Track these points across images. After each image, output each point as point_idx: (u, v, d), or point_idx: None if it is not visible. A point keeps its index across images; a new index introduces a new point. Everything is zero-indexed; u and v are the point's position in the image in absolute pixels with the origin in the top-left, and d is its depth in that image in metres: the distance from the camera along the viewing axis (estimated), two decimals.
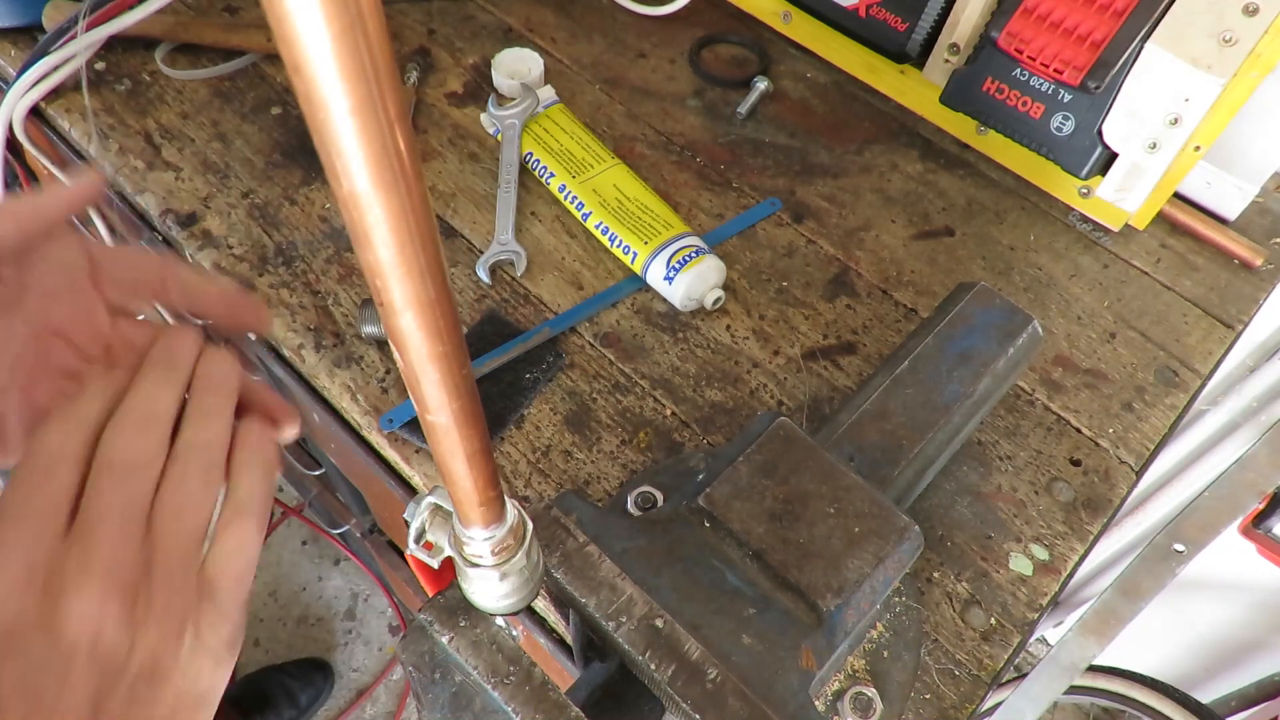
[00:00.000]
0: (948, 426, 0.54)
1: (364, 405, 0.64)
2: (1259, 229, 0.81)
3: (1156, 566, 0.57)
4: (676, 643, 0.42)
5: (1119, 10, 0.67)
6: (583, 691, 0.44)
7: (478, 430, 0.27)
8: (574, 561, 0.44)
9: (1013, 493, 0.63)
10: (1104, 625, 0.60)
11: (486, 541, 0.32)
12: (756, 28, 0.92)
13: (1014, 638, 0.57)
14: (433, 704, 0.39)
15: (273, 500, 0.31)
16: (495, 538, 0.32)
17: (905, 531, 0.47)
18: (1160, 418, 0.68)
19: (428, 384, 0.24)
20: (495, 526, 0.32)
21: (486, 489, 0.30)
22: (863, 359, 0.69)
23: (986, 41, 0.73)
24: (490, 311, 0.69)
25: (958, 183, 0.82)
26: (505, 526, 0.33)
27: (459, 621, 0.40)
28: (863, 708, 0.49)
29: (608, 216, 0.71)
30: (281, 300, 0.68)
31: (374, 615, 1.70)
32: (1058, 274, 0.76)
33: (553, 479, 0.61)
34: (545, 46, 0.89)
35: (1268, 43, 0.64)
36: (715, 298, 0.69)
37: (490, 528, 0.32)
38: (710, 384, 0.67)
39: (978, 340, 0.57)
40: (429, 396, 0.25)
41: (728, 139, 0.83)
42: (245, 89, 0.82)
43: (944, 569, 0.59)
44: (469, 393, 0.26)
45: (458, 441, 0.27)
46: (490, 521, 0.32)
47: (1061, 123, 0.73)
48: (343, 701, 1.61)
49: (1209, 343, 0.73)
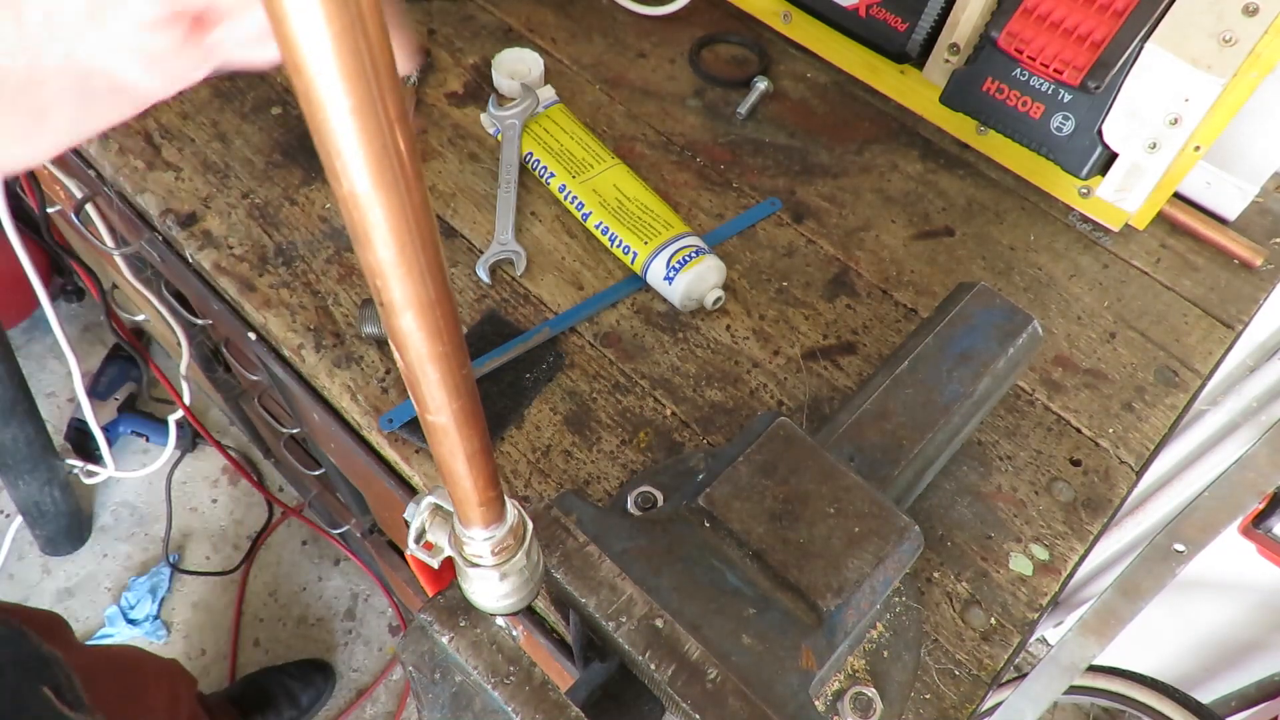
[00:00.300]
0: (948, 427, 0.54)
1: (364, 405, 0.64)
2: (1259, 229, 0.81)
3: (1156, 566, 0.57)
4: (676, 643, 0.42)
5: (1119, 10, 0.67)
6: (582, 692, 0.44)
7: (478, 430, 0.27)
8: (574, 561, 0.44)
9: (1013, 493, 0.63)
10: (1104, 625, 0.60)
11: (486, 542, 0.32)
12: (756, 28, 0.92)
13: (1014, 638, 0.57)
14: (433, 704, 0.39)
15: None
16: (495, 538, 0.32)
17: (905, 531, 0.47)
18: (1160, 418, 0.68)
19: (428, 384, 0.24)
20: (495, 527, 0.32)
21: (487, 489, 0.30)
22: (863, 359, 0.69)
23: (986, 41, 0.73)
24: (490, 311, 0.69)
25: (958, 183, 0.82)
26: (505, 527, 0.32)
27: (459, 622, 0.40)
28: (863, 708, 0.49)
29: (608, 216, 0.71)
30: (281, 300, 0.68)
31: (374, 615, 1.70)
32: (1058, 274, 0.76)
33: (553, 479, 0.61)
34: (545, 46, 0.89)
35: (1268, 43, 0.64)
36: (715, 298, 0.69)
37: (490, 528, 0.32)
38: (710, 384, 0.67)
39: (978, 340, 0.57)
40: (429, 396, 0.25)
41: (728, 139, 0.83)
42: (245, 89, 0.82)
43: (944, 569, 0.59)
44: (469, 393, 0.26)
45: (458, 442, 0.27)
46: (490, 522, 0.32)
47: (1061, 123, 0.73)
48: (343, 701, 1.61)
49: (1209, 343, 0.73)
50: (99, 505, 1.79)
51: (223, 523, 1.78)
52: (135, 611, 1.65)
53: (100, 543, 1.75)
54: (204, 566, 1.72)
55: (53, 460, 1.54)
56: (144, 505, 1.79)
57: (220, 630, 1.66)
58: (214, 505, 1.80)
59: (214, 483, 1.83)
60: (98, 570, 1.72)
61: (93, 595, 1.69)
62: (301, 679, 1.56)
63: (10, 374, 1.35)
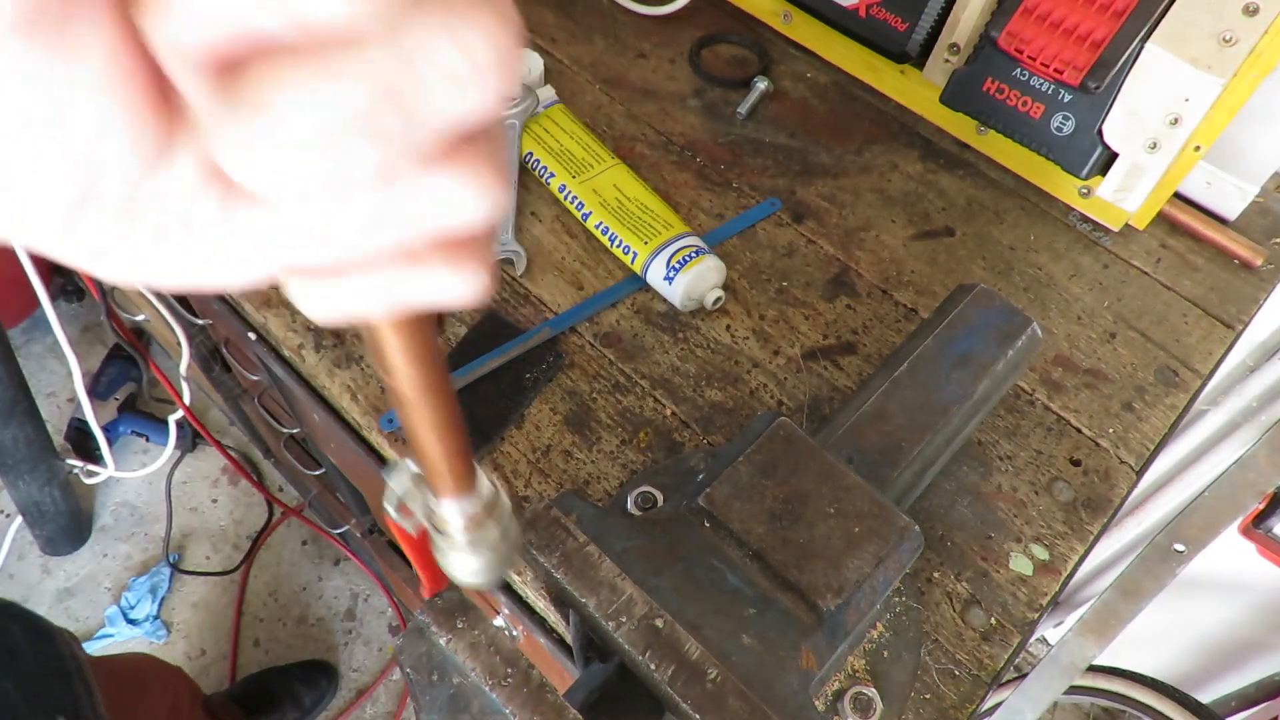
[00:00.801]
0: (947, 429, 0.54)
1: (364, 405, 0.64)
2: (1259, 229, 0.81)
3: (1156, 566, 0.57)
4: (676, 643, 0.42)
5: (1119, 10, 0.67)
6: (581, 693, 0.44)
7: (443, 399, 0.27)
8: (574, 561, 0.44)
9: (1013, 493, 0.63)
10: (1104, 625, 0.60)
11: (458, 514, 0.32)
12: (756, 28, 0.92)
13: (1014, 638, 0.57)
14: (430, 706, 0.39)
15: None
16: (467, 510, 0.32)
17: (905, 531, 0.47)
18: (1160, 418, 0.68)
19: (390, 351, 0.24)
20: (467, 499, 0.32)
21: (455, 460, 0.29)
22: (863, 359, 0.69)
23: (986, 41, 0.73)
24: (490, 311, 0.69)
25: (958, 183, 0.82)
26: (478, 500, 0.32)
27: (457, 623, 0.40)
28: (863, 708, 0.49)
29: (608, 216, 0.71)
30: (281, 300, 0.68)
31: (374, 615, 1.70)
32: (1058, 274, 0.76)
33: (553, 479, 0.61)
34: (545, 46, 0.89)
35: (1268, 43, 0.64)
36: (715, 298, 0.69)
37: (461, 500, 0.32)
38: (710, 384, 0.67)
39: (977, 342, 0.57)
40: (392, 362, 0.25)
41: (728, 139, 0.83)
42: None
43: (944, 569, 0.59)
44: (433, 360, 0.25)
45: (422, 410, 0.27)
46: (461, 494, 0.31)
47: (1061, 123, 0.73)
48: (343, 701, 1.61)
49: (1209, 343, 0.73)
50: (99, 505, 1.79)
51: (223, 523, 1.78)
52: (135, 611, 1.65)
53: (100, 543, 1.75)
54: (204, 566, 1.72)
55: (53, 460, 1.54)
56: (144, 505, 1.79)
57: (220, 630, 1.66)
58: (214, 505, 1.80)
59: (214, 483, 1.83)
60: (98, 570, 1.72)
61: (93, 595, 1.69)
62: (305, 680, 1.56)
63: (10, 374, 1.35)
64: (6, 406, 1.37)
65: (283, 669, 1.58)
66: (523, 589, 0.61)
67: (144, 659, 1.26)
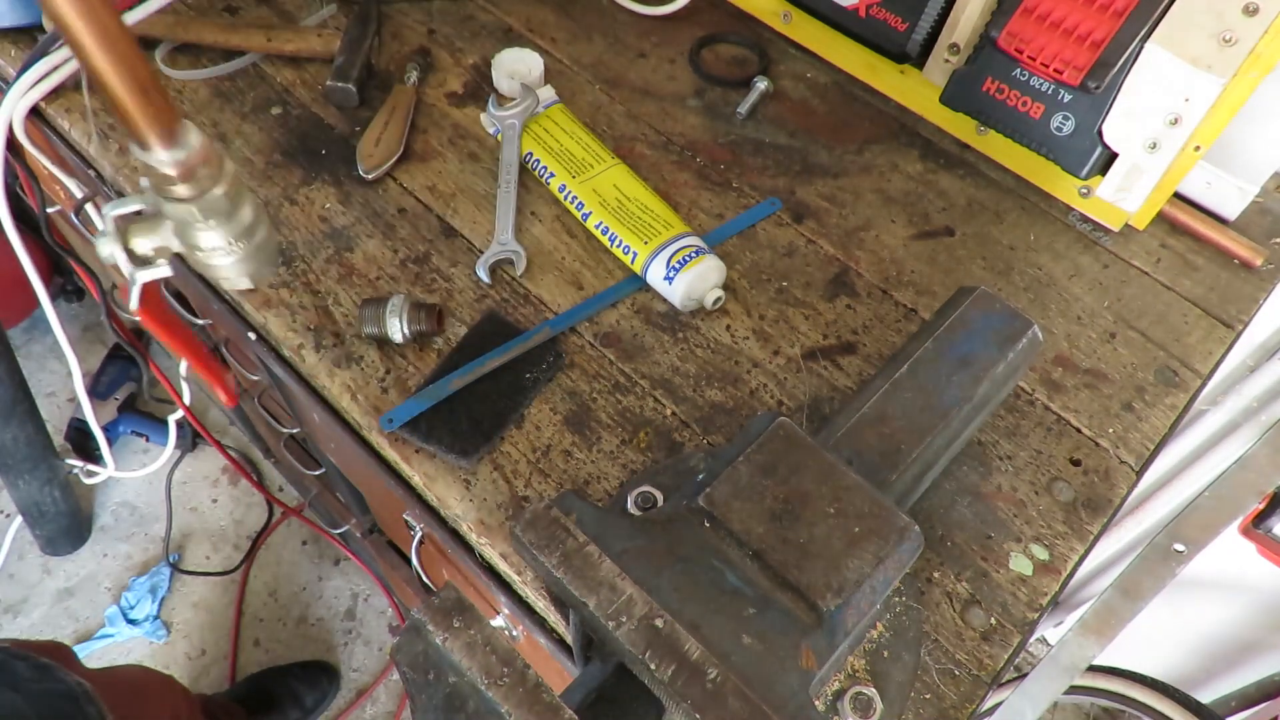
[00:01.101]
0: (946, 431, 0.54)
1: (364, 405, 0.64)
2: (1259, 229, 0.81)
3: (1156, 566, 0.57)
4: (676, 643, 0.42)
5: (1119, 10, 0.67)
6: (578, 694, 0.44)
7: (121, 38, 0.26)
8: (574, 561, 0.44)
9: (1013, 493, 0.63)
10: (1104, 625, 0.60)
11: (173, 166, 0.31)
12: (756, 28, 0.92)
13: (1014, 638, 0.57)
14: (426, 706, 0.39)
15: None
16: (181, 160, 0.31)
17: (905, 531, 0.47)
18: (1160, 418, 0.68)
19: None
20: (177, 147, 0.31)
21: (146, 97, 0.28)
22: (863, 359, 0.69)
23: (986, 41, 0.73)
24: (490, 311, 0.69)
25: (958, 183, 0.82)
26: (190, 149, 0.31)
27: (453, 623, 0.40)
28: (863, 708, 0.49)
29: (608, 216, 0.71)
30: (281, 300, 0.68)
31: (374, 615, 1.70)
32: (1058, 274, 0.76)
33: (553, 479, 0.61)
34: (545, 46, 0.89)
35: (1268, 43, 0.64)
36: (715, 298, 0.69)
37: (171, 149, 0.30)
38: (710, 384, 0.67)
39: (977, 345, 0.57)
40: (60, 9, 0.24)
41: (728, 139, 0.83)
42: (245, 89, 0.82)
43: (944, 569, 0.59)
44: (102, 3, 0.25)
45: (97, 46, 0.26)
46: (167, 138, 0.30)
47: (1061, 123, 0.73)
48: (343, 701, 1.61)
49: (1209, 343, 0.73)
50: (99, 505, 1.79)
51: (223, 523, 1.78)
52: (135, 611, 1.65)
53: (100, 543, 1.75)
54: (204, 566, 1.72)
55: (53, 460, 1.54)
56: (144, 505, 1.79)
57: (220, 630, 1.66)
58: (214, 505, 1.80)
59: (214, 483, 1.83)
60: (98, 570, 1.72)
61: (93, 595, 1.69)
62: (306, 680, 1.56)
63: (10, 374, 1.35)
64: (6, 406, 1.37)
65: (283, 669, 1.58)
66: (523, 589, 0.61)
67: (140, 670, 1.27)
